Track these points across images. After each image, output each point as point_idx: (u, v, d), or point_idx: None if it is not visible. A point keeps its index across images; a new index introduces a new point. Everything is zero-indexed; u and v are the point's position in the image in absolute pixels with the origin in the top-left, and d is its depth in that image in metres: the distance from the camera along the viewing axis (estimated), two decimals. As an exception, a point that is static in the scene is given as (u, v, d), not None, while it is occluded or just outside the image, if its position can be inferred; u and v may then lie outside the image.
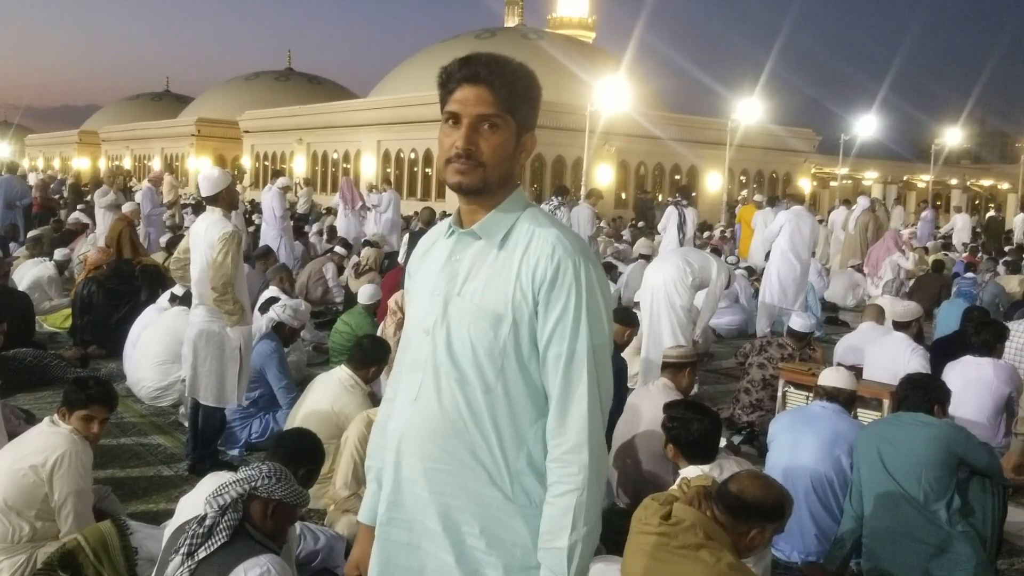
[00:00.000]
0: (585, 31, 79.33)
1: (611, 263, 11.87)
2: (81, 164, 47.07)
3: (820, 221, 14.40)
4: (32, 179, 19.72)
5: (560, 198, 12.20)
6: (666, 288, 6.62)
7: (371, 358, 4.88)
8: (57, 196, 18.84)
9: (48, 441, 3.44)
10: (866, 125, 33.95)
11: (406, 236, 10.96)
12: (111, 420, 5.78)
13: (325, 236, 15.25)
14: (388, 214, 15.35)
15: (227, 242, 4.60)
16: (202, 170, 5.36)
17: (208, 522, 2.48)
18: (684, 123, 33.51)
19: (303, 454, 3.28)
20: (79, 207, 14.90)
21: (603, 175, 29.84)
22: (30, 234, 11.61)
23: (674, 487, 3.08)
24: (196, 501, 2.91)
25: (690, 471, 3.44)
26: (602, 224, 11.64)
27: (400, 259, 10.50)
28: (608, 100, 23.73)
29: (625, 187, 32.74)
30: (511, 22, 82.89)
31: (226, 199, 4.76)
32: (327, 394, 4.78)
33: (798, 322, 6.39)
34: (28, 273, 9.29)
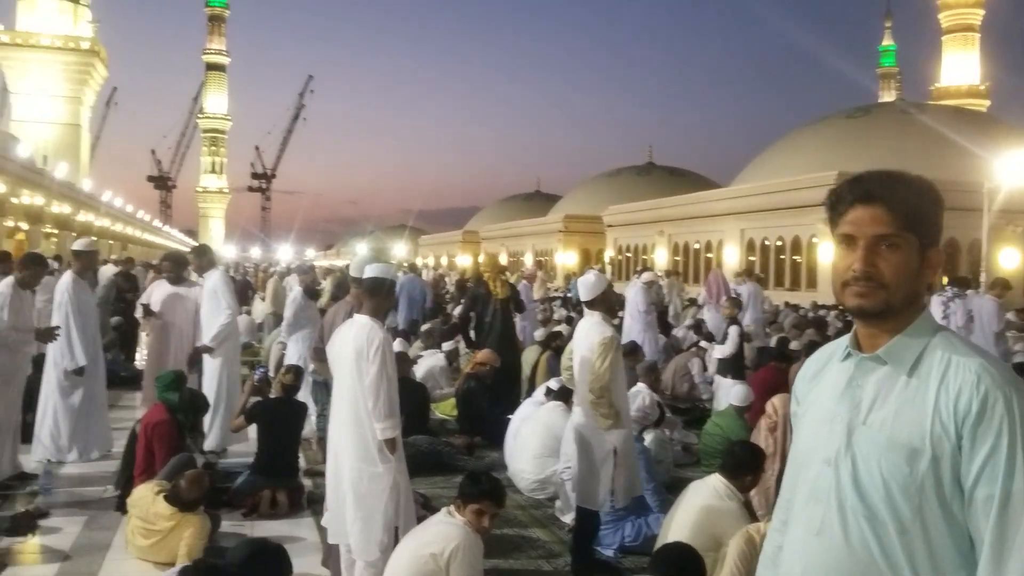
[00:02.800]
0: (976, 100, 72.02)
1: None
2: (464, 261, 52.54)
3: None
4: (425, 276, 22.38)
5: (955, 289, 10.87)
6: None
7: (745, 467, 4.59)
8: (444, 291, 21.06)
9: (446, 532, 3.69)
10: None
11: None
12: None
13: (692, 330, 15.01)
14: (749, 310, 14.69)
15: (606, 347, 4.66)
16: (583, 275, 5.54)
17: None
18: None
19: (686, 572, 3.09)
20: (462, 301, 16.43)
21: (1008, 259, 26.32)
22: (423, 328, 12.99)
23: None
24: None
25: None
26: (1010, 317, 10.09)
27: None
28: (1011, 174, 21.00)
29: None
30: (887, 97, 78.15)
31: (603, 302, 4.85)
32: (701, 503, 4.55)
33: None
34: (422, 364, 10.34)
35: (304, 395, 7.01)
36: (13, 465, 6.40)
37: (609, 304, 4.97)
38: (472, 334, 9.22)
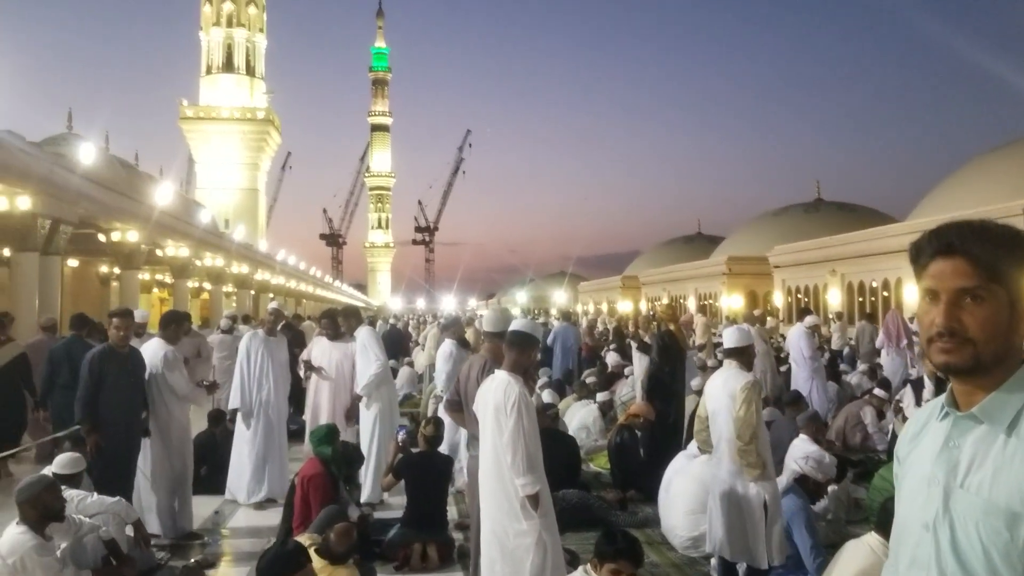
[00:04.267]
0: None
1: None
2: (625, 307, 52.12)
3: None
4: (583, 323, 22.32)
5: None
6: None
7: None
8: (603, 339, 20.87)
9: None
10: None
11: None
12: (648, 569, 5.90)
13: (867, 375, 14.12)
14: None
15: (749, 391, 4.48)
16: (730, 326, 5.37)
17: None
18: None
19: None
20: (613, 348, 16.18)
21: None
22: (579, 379, 12.90)
23: None
24: None
25: None
26: None
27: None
28: None
29: None
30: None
31: (746, 354, 4.66)
32: (855, 564, 4.22)
33: None
34: (577, 415, 10.24)
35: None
36: (188, 520, 6.78)
37: (750, 357, 4.77)
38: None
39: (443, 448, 7.01)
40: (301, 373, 8.03)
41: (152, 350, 6.59)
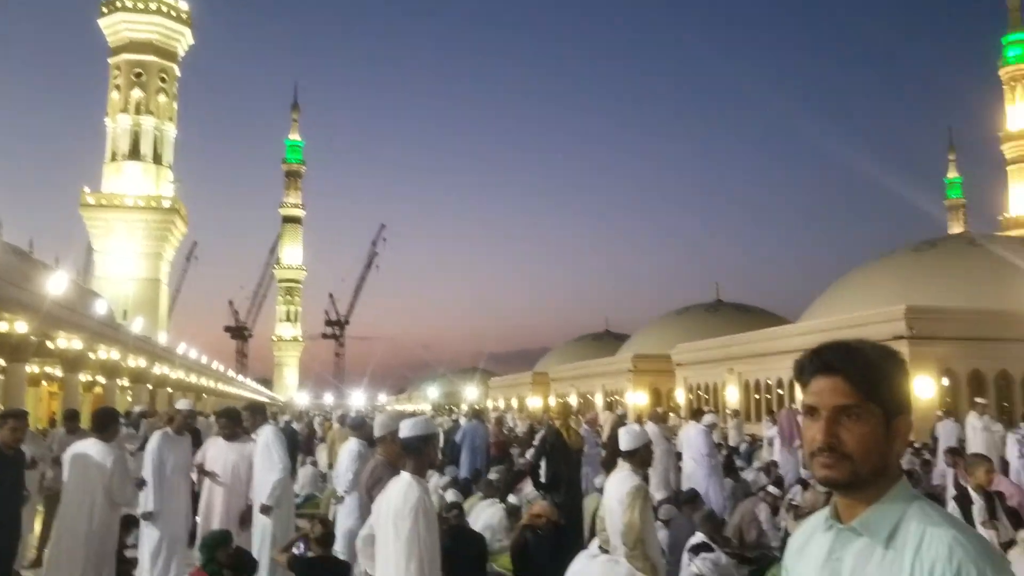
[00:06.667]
0: (1046, 229, 70.45)
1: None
2: (535, 403, 52.14)
3: None
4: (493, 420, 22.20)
5: (1034, 426, 10.37)
6: None
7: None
8: (510, 434, 20.79)
9: None
10: None
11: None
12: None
13: (762, 472, 14.51)
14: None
15: (634, 496, 4.60)
16: (625, 426, 5.54)
17: None
18: None
19: None
20: (533, 444, 16.17)
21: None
22: (486, 477, 12.82)
23: None
24: None
25: None
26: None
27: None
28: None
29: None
30: (955, 229, 77.11)
31: (643, 457, 4.81)
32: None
33: None
34: (482, 514, 10.16)
35: None
36: None
37: (645, 458, 4.93)
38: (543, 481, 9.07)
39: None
40: (194, 476, 7.76)
41: (99, 453, 6.45)
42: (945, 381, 25.92)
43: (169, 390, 35.16)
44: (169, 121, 59.98)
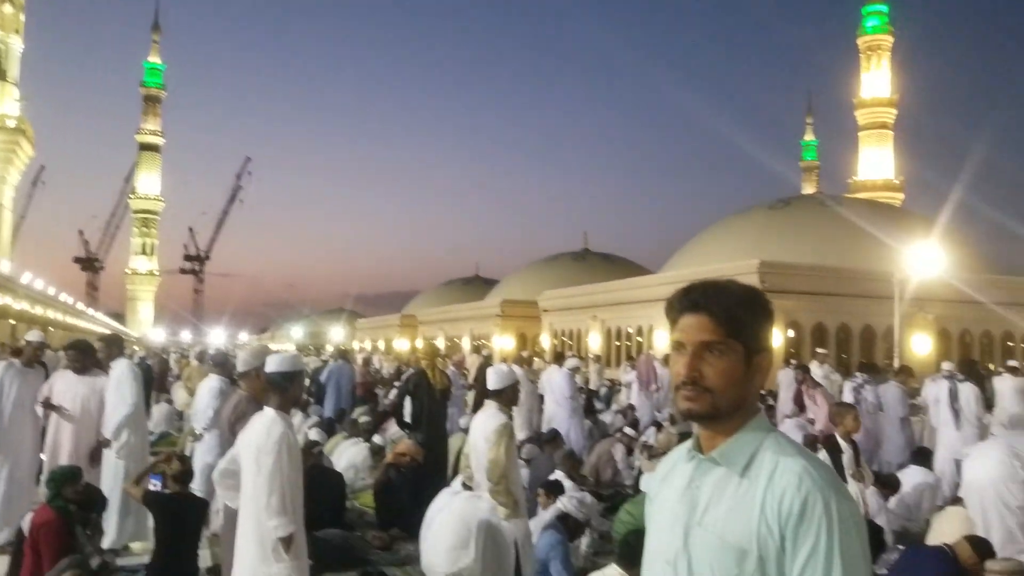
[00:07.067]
0: (892, 193, 75.63)
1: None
2: (402, 345, 52.11)
3: None
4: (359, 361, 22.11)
5: (865, 375, 11.23)
6: (995, 488, 5.70)
7: (639, 556, 4.60)
8: (376, 375, 20.77)
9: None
10: None
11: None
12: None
13: (620, 415, 15.06)
14: (670, 393, 14.97)
15: (500, 434, 4.71)
16: (492, 365, 5.62)
17: None
18: (1016, 286, 30.12)
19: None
20: (396, 386, 16.19)
21: (920, 345, 27.34)
22: (351, 417, 12.78)
23: None
24: None
25: None
26: (917, 402, 10.49)
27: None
28: (920, 265, 22.02)
29: (947, 357, 29.65)
30: (808, 190, 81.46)
31: (509, 396, 4.91)
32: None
33: None
34: (345, 453, 10.15)
35: None
36: None
37: (512, 398, 5.04)
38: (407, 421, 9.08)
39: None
40: (39, 410, 7.34)
41: None
42: (791, 333, 27.66)
43: (12, 322, 32.92)
44: (15, 34, 55.19)
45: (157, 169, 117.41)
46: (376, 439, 10.73)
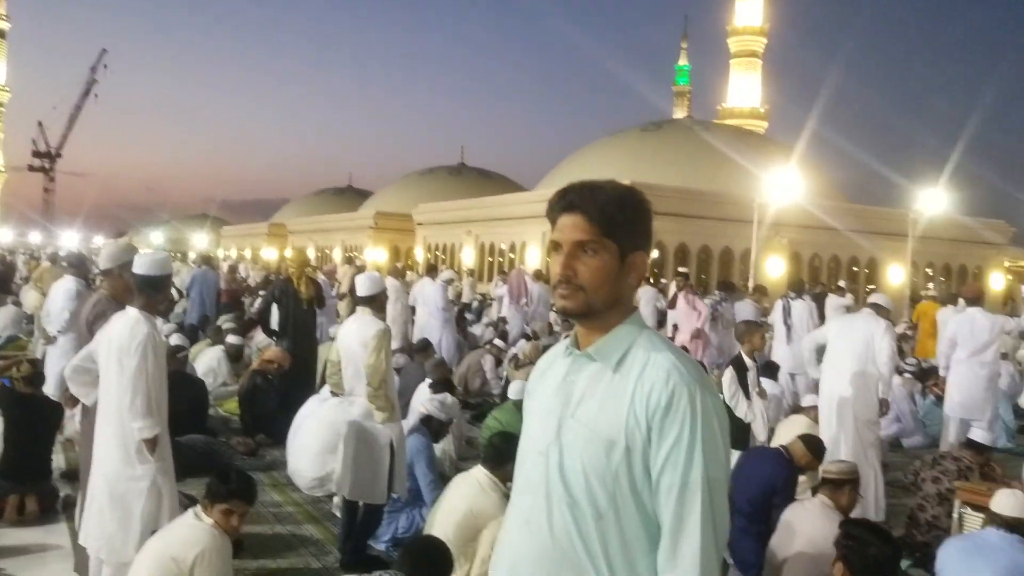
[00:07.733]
0: (757, 120, 78.38)
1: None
2: (270, 254, 50.71)
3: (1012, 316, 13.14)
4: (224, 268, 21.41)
5: (723, 293, 11.87)
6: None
7: (506, 457, 4.80)
8: (242, 283, 20.20)
9: (191, 535, 3.57)
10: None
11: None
12: (270, 508, 6.03)
13: (491, 328, 15.31)
14: (539, 308, 15.45)
15: (380, 339, 4.76)
16: (363, 273, 5.61)
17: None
18: (862, 214, 32.20)
19: (428, 567, 3.22)
20: (261, 294, 15.85)
21: (774, 267, 28.98)
22: (218, 323, 12.48)
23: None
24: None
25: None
26: (768, 321, 11.20)
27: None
28: (778, 190, 23.13)
29: (798, 279, 31.59)
30: (680, 114, 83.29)
31: (380, 302, 4.94)
32: (464, 495, 4.73)
33: (979, 433, 5.82)
34: (203, 359, 9.94)
35: None
36: None
37: (383, 303, 5.08)
38: (274, 328, 8.94)
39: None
40: None
41: None
42: (655, 253, 28.67)
43: None
44: None
45: (3, 56, 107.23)
46: (232, 339, 10.52)
